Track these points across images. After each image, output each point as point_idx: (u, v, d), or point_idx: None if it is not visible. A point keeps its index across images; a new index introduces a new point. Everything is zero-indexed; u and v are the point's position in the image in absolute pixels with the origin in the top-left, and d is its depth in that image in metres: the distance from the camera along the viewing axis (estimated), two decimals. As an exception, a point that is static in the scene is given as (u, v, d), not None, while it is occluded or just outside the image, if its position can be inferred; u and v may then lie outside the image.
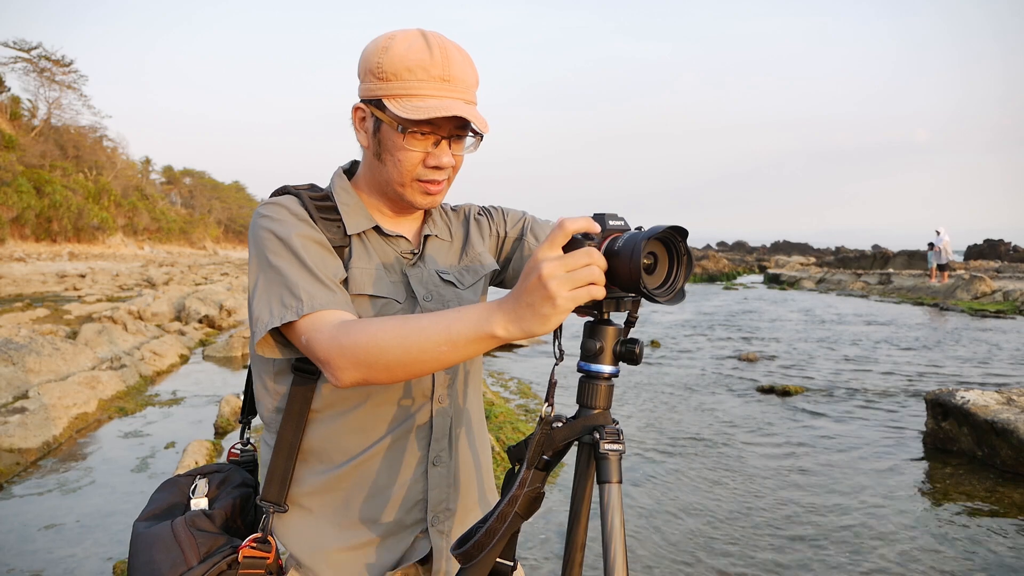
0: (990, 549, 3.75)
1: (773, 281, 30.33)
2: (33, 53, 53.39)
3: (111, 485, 4.66)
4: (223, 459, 1.82)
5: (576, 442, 1.00)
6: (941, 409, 5.52)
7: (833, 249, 58.23)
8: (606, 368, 0.98)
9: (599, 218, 0.98)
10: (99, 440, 5.71)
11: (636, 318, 1.00)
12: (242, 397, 1.51)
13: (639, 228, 0.95)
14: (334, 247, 1.18)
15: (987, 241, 40.71)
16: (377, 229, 1.26)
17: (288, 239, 1.13)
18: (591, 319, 1.00)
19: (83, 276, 26.74)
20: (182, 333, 11.43)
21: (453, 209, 1.44)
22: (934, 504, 4.42)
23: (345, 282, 1.17)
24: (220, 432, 5.85)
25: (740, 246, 72.15)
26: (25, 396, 6.16)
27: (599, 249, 0.94)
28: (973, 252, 40.33)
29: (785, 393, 7.55)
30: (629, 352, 0.97)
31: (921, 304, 18.92)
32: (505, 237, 1.45)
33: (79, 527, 3.95)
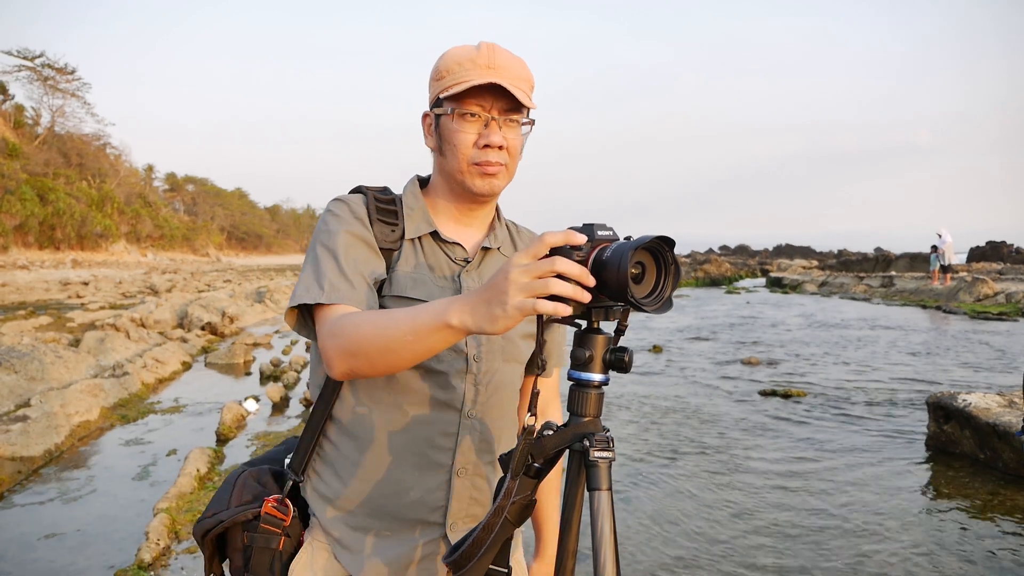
0: (992, 552, 3.74)
1: (775, 285, 30.30)
2: (37, 61, 53.72)
3: (112, 493, 4.67)
4: (226, 466, 1.91)
5: (568, 450, 1.01)
6: (943, 412, 5.52)
7: (835, 252, 58.15)
8: (596, 376, 0.99)
9: (587, 228, 0.99)
10: (101, 448, 5.72)
11: (626, 327, 1.01)
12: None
13: (628, 238, 0.96)
14: (384, 248, 1.25)
15: (989, 243, 40.63)
16: (435, 235, 1.30)
17: (336, 234, 1.22)
18: (580, 328, 1.01)
19: (86, 284, 26.80)
20: (184, 340, 11.45)
21: (528, 230, 1.47)
22: (936, 507, 4.42)
23: (385, 284, 1.24)
24: (222, 439, 5.86)
25: (742, 250, 72.08)
26: (27, 404, 6.17)
27: (587, 260, 0.94)
28: (976, 254, 40.24)
29: (787, 396, 7.54)
30: (618, 360, 0.98)
31: (924, 307, 18.89)
32: None
33: (80, 535, 3.96)
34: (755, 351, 10.90)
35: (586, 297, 0.89)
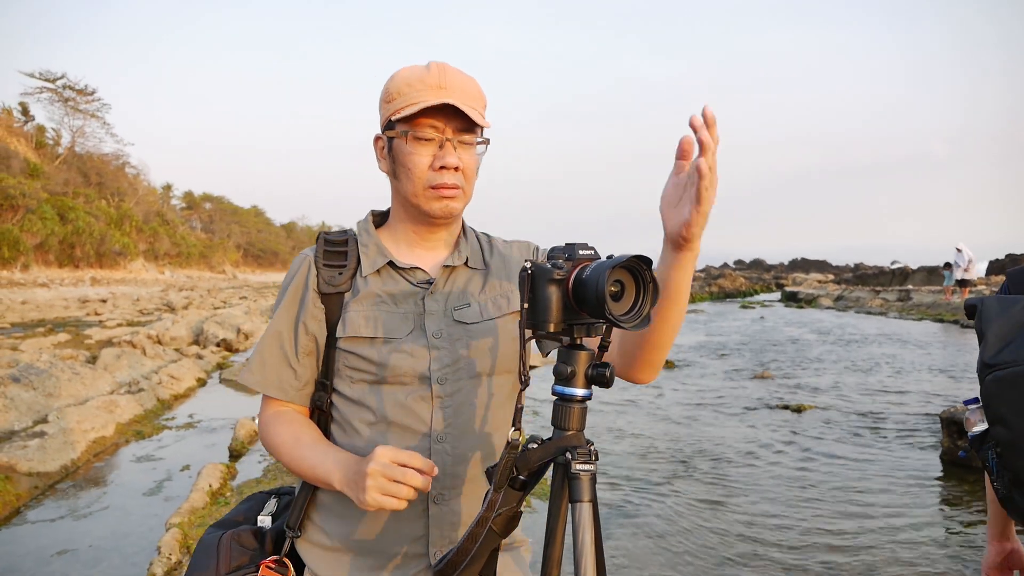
0: None
1: (790, 299, 30.14)
2: (58, 83, 54.68)
3: (126, 509, 4.72)
4: (238, 482, 2.01)
5: (552, 463, 1.04)
6: (956, 427, 5.47)
7: (852, 266, 57.75)
8: (579, 391, 1.02)
9: (569, 248, 1.02)
10: (116, 464, 5.79)
11: (609, 343, 1.05)
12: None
13: (610, 256, 1.00)
14: (332, 293, 1.28)
15: (1009, 256, 40.21)
16: (391, 264, 1.30)
17: (278, 317, 1.33)
18: (563, 344, 1.04)
19: (104, 301, 27.12)
20: (200, 357, 11.56)
21: (505, 242, 1.45)
22: (950, 522, 4.37)
23: (339, 326, 1.28)
24: (235, 455, 5.91)
25: (757, 264, 71.80)
26: (44, 420, 6.26)
27: (568, 278, 0.98)
28: (995, 267, 39.83)
29: (799, 411, 7.50)
30: (600, 376, 1.01)
31: (940, 321, 18.71)
32: None
33: (93, 551, 4.01)
34: (768, 366, 10.85)
35: (426, 486, 1.10)
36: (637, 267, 0.96)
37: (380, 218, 1.40)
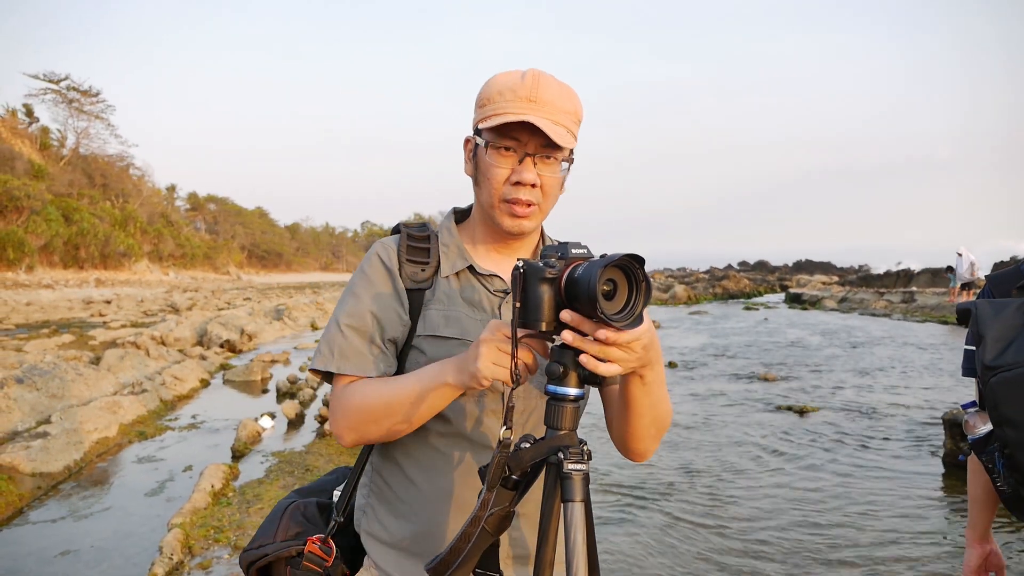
0: (1009, 568, 3.69)
1: (795, 301, 30.07)
2: (62, 84, 54.89)
3: (128, 509, 4.73)
4: (240, 483, 1.96)
5: (545, 462, 1.03)
6: (958, 429, 5.45)
7: (856, 267, 57.64)
8: (571, 391, 1.01)
9: (562, 247, 1.02)
10: (119, 464, 5.80)
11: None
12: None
13: (603, 255, 0.99)
14: (414, 289, 1.26)
15: (1013, 259, 40.12)
16: (471, 268, 1.29)
17: (360, 297, 1.26)
18: (555, 343, 1.04)
19: (108, 302, 27.20)
20: (203, 358, 11.58)
21: None
22: (951, 522, 4.36)
23: (419, 324, 1.26)
24: (237, 456, 5.92)
25: (762, 265, 71.68)
26: (48, 421, 6.28)
27: (560, 277, 0.98)
28: (1000, 269, 39.74)
29: (802, 413, 7.48)
30: (592, 375, 1.01)
31: (944, 323, 18.66)
32: None
33: (95, 551, 4.02)
34: (772, 367, 10.82)
35: (534, 368, 1.03)
36: (630, 266, 0.95)
37: (461, 215, 1.38)
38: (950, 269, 21.74)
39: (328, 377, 1.27)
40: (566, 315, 0.98)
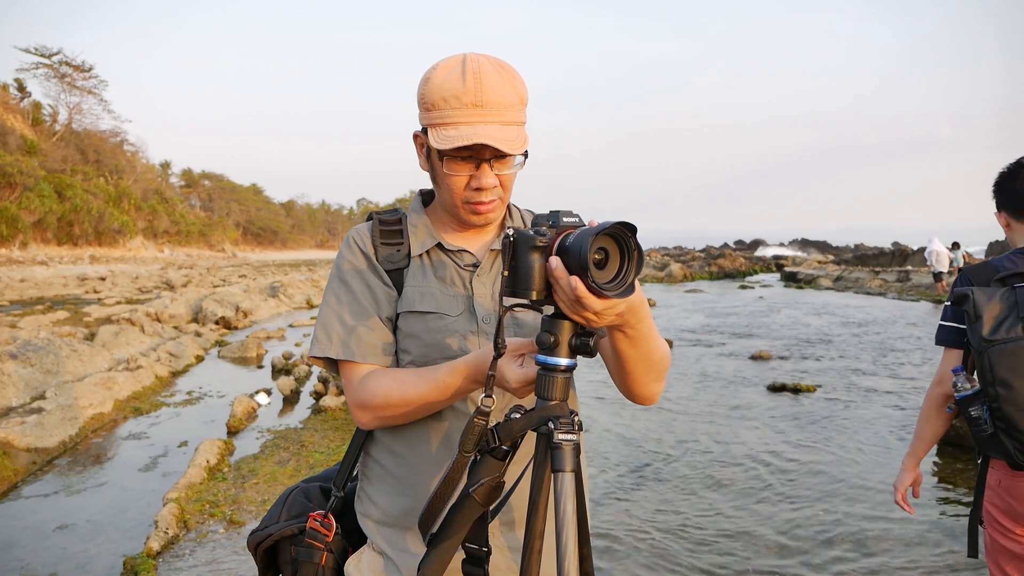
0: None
1: (790, 280, 30.09)
2: (54, 59, 54.25)
3: (124, 484, 4.75)
4: (236, 458, 2.03)
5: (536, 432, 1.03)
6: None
7: (852, 247, 57.71)
8: (562, 361, 1.01)
9: (553, 215, 1.01)
10: (114, 440, 5.81)
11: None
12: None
13: (594, 223, 0.98)
14: (393, 269, 1.30)
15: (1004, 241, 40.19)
16: (440, 246, 1.33)
17: (345, 282, 1.31)
18: (547, 313, 1.03)
19: (103, 279, 27.12)
20: (198, 334, 11.57)
21: (531, 213, 1.47)
22: (943, 499, 4.40)
23: (399, 302, 1.30)
24: (232, 432, 5.93)
25: (758, 244, 71.65)
26: (43, 397, 6.27)
27: (552, 246, 0.97)
28: (996, 248, 39.80)
29: (796, 391, 7.51)
30: (583, 345, 1.00)
31: (939, 302, 18.71)
32: None
33: (91, 525, 4.03)
34: (766, 346, 10.85)
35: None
36: (622, 234, 0.94)
37: (428, 196, 1.41)
38: (954, 246, 21.23)
39: (329, 363, 1.31)
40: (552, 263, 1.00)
